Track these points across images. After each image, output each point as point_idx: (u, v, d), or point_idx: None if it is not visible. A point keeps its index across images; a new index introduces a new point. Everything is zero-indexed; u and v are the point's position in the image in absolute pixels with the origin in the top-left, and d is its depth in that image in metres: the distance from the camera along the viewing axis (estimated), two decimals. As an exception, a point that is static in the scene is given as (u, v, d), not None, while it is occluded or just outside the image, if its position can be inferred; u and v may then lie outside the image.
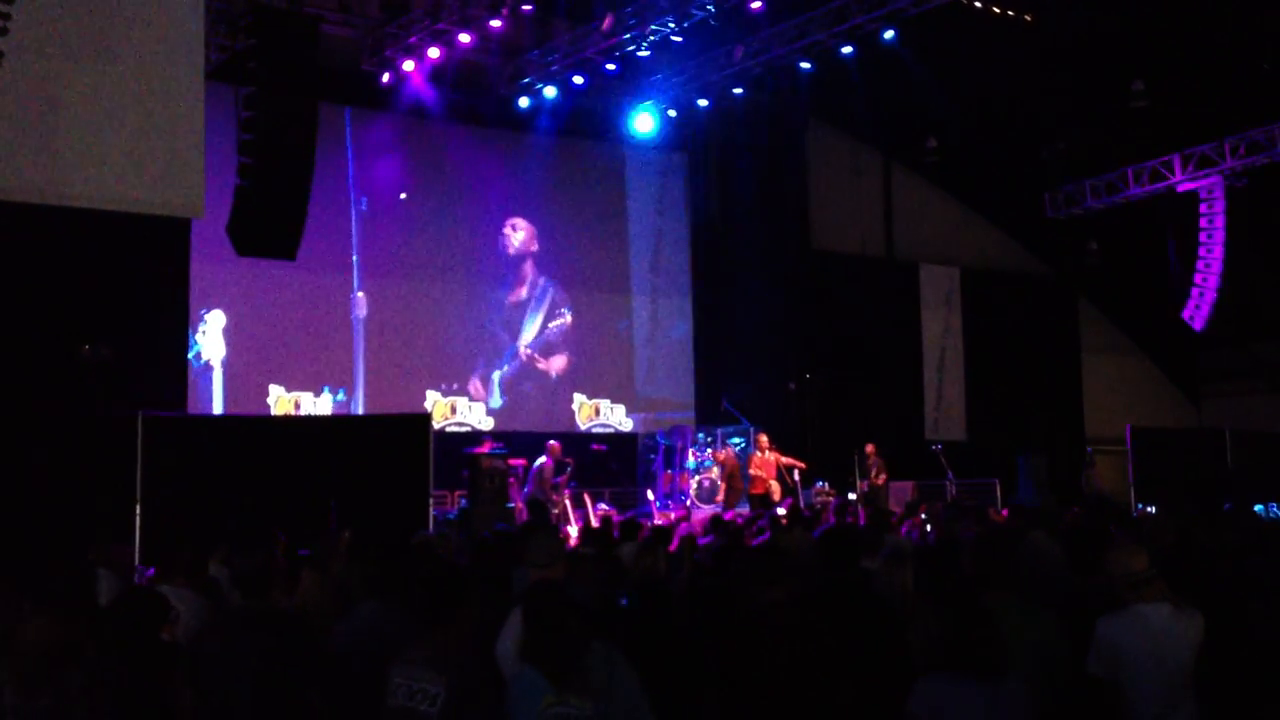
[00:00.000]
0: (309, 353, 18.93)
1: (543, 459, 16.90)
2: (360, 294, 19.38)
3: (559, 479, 16.87)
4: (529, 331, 21.01)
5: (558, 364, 21.26)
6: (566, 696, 4.04)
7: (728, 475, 18.60)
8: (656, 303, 22.45)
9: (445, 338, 20.27)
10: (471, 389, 20.29)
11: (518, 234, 20.91)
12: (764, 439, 18.58)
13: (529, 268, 21.09)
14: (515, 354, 20.86)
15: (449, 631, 4.26)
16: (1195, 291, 22.07)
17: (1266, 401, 25.38)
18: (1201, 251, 22.01)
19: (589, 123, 21.01)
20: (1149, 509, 13.97)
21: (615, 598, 6.02)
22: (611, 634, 4.44)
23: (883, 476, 18.78)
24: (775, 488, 18.07)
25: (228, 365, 17.95)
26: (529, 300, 21.10)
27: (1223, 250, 21.87)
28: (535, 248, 21.12)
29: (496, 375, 20.63)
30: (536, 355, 21.01)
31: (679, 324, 22.61)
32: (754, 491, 18.09)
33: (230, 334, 18.06)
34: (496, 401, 20.47)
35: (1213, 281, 21.93)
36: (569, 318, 21.42)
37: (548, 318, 21.23)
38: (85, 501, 12.81)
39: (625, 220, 22.33)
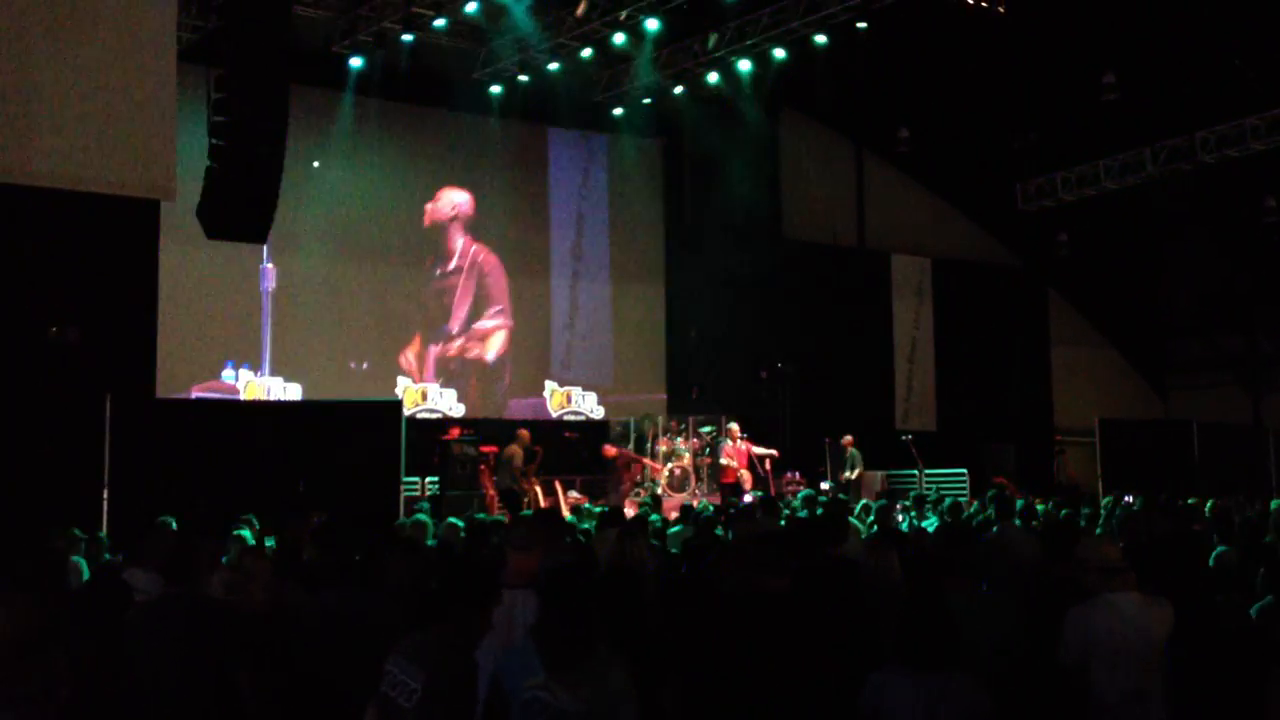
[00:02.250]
0: (214, 327, 18.30)
1: (512, 447, 16.85)
2: (269, 265, 18.76)
3: (528, 467, 16.83)
4: (462, 313, 20.76)
5: (494, 346, 21.03)
6: (553, 686, 4.02)
7: (622, 466, 18.51)
8: (629, 290, 22.41)
9: (360, 313, 19.77)
10: (403, 363, 20.04)
11: (446, 206, 20.63)
12: (735, 428, 18.59)
13: (459, 241, 20.79)
14: (448, 333, 20.61)
15: (441, 626, 4.25)
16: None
17: (1232, 393, 25.61)
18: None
19: (564, 107, 20.87)
20: (1126, 498, 13.98)
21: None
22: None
23: (858, 470, 18.92)
24: (746, 477, 18.10)
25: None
26: (459, 278, 20.79)
27: (1191, 243, 22.08)
28: (488, 229, 20.94)
29: (432, 351, 20.40)
30: (470, 341, 20.77)
31: (651, 312, 22.57)
32: (724, 481, 18.11)
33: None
34: (435, 379, 20.27)
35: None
36: (505, 302, 21.19)
37: (484, 301, 21.01)
38: (53, 485, 12.70)
39: (600, 207, 22.26)
